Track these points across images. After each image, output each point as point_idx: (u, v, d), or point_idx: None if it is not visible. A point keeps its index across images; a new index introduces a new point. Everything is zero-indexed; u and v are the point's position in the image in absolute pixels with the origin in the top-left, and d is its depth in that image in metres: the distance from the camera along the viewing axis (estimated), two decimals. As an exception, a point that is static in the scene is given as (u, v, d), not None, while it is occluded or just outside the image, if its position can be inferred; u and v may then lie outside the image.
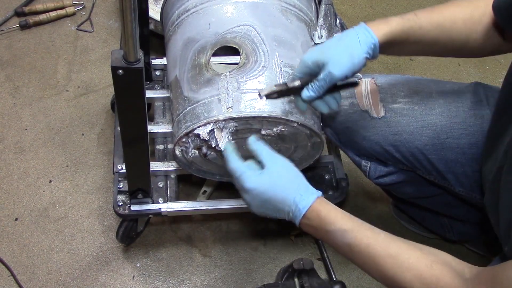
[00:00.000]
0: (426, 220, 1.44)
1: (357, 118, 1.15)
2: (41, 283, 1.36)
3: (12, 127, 1.63)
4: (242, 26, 1.12)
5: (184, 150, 1.16)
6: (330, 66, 0.92)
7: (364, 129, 1.15)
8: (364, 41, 0.94)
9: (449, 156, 1.10)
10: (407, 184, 1.21)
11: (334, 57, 0.93)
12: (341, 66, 0.92)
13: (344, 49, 0.94)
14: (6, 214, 1.46)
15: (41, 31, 1.86)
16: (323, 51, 0.94)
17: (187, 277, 1.41)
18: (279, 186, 0.90)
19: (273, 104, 1.07)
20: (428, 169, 1.13)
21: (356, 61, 0.93)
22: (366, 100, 1.15)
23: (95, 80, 1.76)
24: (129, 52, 0.84)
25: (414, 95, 1.14)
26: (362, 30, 0.95)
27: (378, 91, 1.15)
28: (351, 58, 0.93)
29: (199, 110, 1.08)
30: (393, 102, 1.14)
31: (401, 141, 1.12)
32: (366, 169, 1.20)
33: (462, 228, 1.38)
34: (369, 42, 0.94)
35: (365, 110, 1.15)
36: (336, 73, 0.92)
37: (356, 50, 0.93)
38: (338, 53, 0.93)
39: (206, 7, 1.16)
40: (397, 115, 1.13)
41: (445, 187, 1.16)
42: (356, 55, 0.93)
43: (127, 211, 1.27)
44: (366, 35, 0.94)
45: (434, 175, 1.14)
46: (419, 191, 1.23)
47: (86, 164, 1.57)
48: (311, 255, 1.46)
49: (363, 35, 0.94)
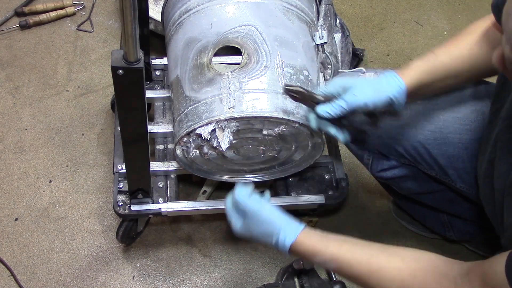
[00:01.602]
0: (426, 219, 1.44)
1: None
2: (41, 283, 1.36)
3: (12, 127, 1.62)
4: (244, 26, 1.12)
5: (185, 150, 1.16)
6: (355, 90, 0.96)
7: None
8: (392, 84, 0.98)
9: (451, 151, 1.12)
10: (409, 179, 1.21)
11: (360, 85, 0.97)
12: (365, 94, 0.96)
13: (372, 84, 0.98)
14: (6, 214, 1.46)
15: (41, 31, 1.86)
16: (353, 80, 0.98)
17: (187, 277, 1.41)
18: (261, 232, 0.98)
19: (275, 104, 1.07)
20: (430, 163, 1.14)
21: (380, 96, 0.97)
22: None
23: (95, 80, 1.76)
24: (129, 52, 0.84)
25: None
26: (391, 75, 0.99)
27: None
28: (376, 92, 0.97)
29: (201, 109, 1.08)
30: None
31: (404, 135, 1.13)
32: (368, 162, 1.21)
33: (462, 226, 1.38)
34: (396, 85, 0.98)
35: None
36: (359, 96, 0.95)
37: (382, 88, 0.98)
38: (365, 84, 0.97)
39: (208, 7, 1.16)
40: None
41: (446, 183, 1.17)
42: (382, 92, 0.97)
43: (127, 211, 1.27)
44: (394, 79, 0.99)
45: (435, 170, 1.14)
46: (421, 187, 1.24)
47: (86, 164, 1.57)
48: (311, 255, 1.46)
49: (392, 80, 0.99)
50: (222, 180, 1.33)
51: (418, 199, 1.32)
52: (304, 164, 1.28)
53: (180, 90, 1.14)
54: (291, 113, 1.08)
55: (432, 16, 2.14)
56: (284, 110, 1.07)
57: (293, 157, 1.25)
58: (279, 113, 1.06)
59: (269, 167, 1.30)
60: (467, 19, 2.13)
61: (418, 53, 2.00)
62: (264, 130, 1.11)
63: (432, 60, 1.02)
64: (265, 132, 1.12)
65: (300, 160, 1.26)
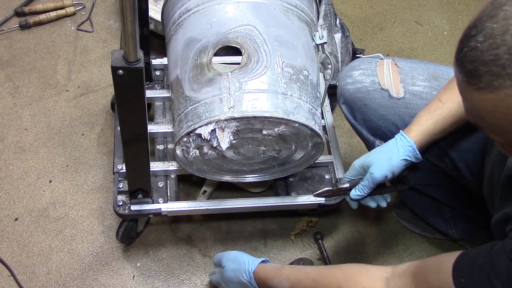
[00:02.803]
0: (428, 216, 1.43)
1: (376, 96, 1.18)
2: (41, 283, 1.36)
3: (12, 127, 1.62)
4: (244, 26, 1.12)
5: (185, 150, 1.16)
6: (372, 168, 1.07)
7: (382, 107, 1.17)
8: (401, 145, 1.07)
9: (462, 144, 1.13)
10: (418, 170, 1.22)
11: (375, 160, 1.07)
12: (381, 168, 1.06)
13: (384, 154, 1.08)
14: (6, 214, 1.46)
15: (41, 31, 1.86)
16: (367, 156, 1.10)
17: (187, 277, 1.41)
18: (231, 277, 1.18)
19: (275, 104, 1.07)
20: (440, 155, 1.14)
21: (394, 163, 1.07)
22: (388, 79, 1.19)
23: (95, 80, 1.76)
24: (129, 52, 0.84)
25: (433, 80, 1.17)
26: (399, 137, 1.08)
27: (398, 72, 1.18)
28: (389, 160, 1.07)
29: (201, 109, 1.08)
30: (413, 85, 1.17)
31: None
32: None
33: (465, 225, 1.38)
34: (406, 145, 1.07)
35: (386, 89, 1.18)
36: (376, 174, 1.06)
37: (394, 154, 1.07)
38: (378, 156, 1.08)
39: (208, 7, 1.16)
40: (416, 98, 1.16)
41: (455, 176, 1.18)
42: (394, 158, 1.07)
43: (127, 211, 1.27)
44: (403, 140, 1.07)
45: (446, 162, 1.16)
46: (429, 179, 1.25)
47: (86, 164, 1.57)
48: (311, 255, 1.46)
49: (401, 141, 1.07)
50: (222, 180, 1.33)
51: (424, 191, 1.32)
52: (304, 164, 1.28)
53: (180, 90, 1.14)
54: (291, 113, 1.08)
55: (432, 16, 2.14)
56: (284, 110, 1.07)
57: (293, 157, 1.25)
58: (279, 113, 1.06)
59: (269, 167, 1.30)
60: (467, 19, 2.13)
61: (418, 53, 2.00)
62: (264, 130, 1.11)
63: (440, 110, 1.06)
64: (265, 132, 1.12)
65: (300, 160, 1.26)
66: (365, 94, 1.19)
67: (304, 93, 1.12)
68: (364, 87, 1.19)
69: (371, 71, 1.20)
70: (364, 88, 1.19)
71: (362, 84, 1.19)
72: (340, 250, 1.48)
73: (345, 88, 1.21)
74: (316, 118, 1.15)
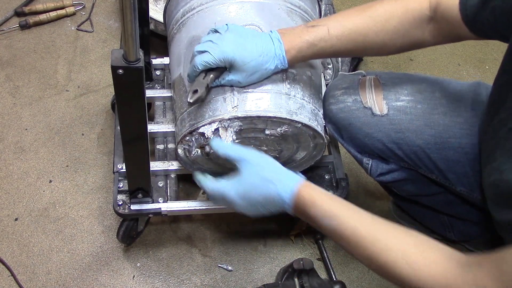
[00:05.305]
0: (426, 219, 1.43)
1: (360, 115, 1.15)
2: (41, 283, 1.36)
3: (12, 127, 1.62)
4: (248, 26, 1.12)
5: (187, 149, 1.16)
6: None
7: (366, 126, 1.15)
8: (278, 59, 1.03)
9: (450, 156, 1.11)
10: (409, 182, 1.21)
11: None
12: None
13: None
14: (6, 214, 1.46)
15: (41, 31, 1.86)
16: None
17: (187, 277, 1.41)
18: (258, 186, 0.94)
19: (278, 104, 1.07)
20: (430, 167, 1.13)
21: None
22: (370, 96, 1.16)
23: (95, 80, 1.76)
24: (129, 52, 0.84)
25: (417, 93, 1.14)
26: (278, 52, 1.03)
27: (381, 88, 1.16)
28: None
29: (204, 108, 1.08)
30: (397, 100, 1.14)
31: (404, 139, 1.12)
32: (368, 166, 1.21)
33: (462, 227, 1.38)
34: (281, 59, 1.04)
35: (369, 107, 1.15)
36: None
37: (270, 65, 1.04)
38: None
39: (212, 6, 1.16)
40: (400, 113, 1.13)
41: (446, 186, 1.16)
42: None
43: (127, 211, 1.27)
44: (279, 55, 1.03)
45: (435, 174, 1.14)
46: (421, 189, 1.23)
47: (86, 164, 1.57)
48: (311, 255, 1.46)
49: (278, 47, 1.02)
50: (222, 180, 1.33)
51: (418, 201, 1.32)
52: (305, 164, 1.28)
53: (183, 88, 1.14)
54: (294, 113, 1.08)
55: (432, 16, 2.14)
56: (287, 110, 1.07)
57: (294, 157, 1.24)
58: (282, 113, 1.06)
59: (269, 167, 1.30)
60: (467, 19, 2.13)
61: (417, 53, 2.00)
62: (267, 130, 1.11)
63: (323, 41, 1.02)
64: (267, 132, 1.12)
65: (301, 161, 1.26)
66: (348, 113, 1.16)
67: (307, 93, 1.13)
68: (347, 107, 1.17)
69: (353, 90, 1.17)
70: (347, 107, 1.16)
71: (345, 104, 1.17)
72: (340, 250, 1.48)
73: (329, 108, 1.19)
74: (318, 119, 1.15)
